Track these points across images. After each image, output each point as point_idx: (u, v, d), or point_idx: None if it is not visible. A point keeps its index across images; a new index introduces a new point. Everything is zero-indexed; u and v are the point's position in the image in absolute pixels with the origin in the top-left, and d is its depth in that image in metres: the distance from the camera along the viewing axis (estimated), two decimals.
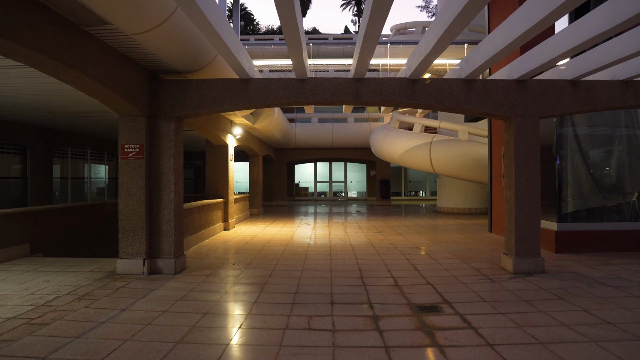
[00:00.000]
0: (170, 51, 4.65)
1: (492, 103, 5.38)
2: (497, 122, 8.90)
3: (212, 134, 8.82)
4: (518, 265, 5.30)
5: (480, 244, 7.72)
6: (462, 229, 9.88)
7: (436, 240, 8.22)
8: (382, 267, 5.76)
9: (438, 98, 5.36)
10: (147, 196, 5.28)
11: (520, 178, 5.34)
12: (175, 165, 5.44)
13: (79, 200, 13.27)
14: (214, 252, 7.00)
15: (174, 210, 5.37)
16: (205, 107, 5.39)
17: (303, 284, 4.90)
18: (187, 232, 7.24)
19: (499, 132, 8.81)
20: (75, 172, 13.28)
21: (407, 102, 5.35)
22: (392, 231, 9.64)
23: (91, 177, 14.37)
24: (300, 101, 5.33)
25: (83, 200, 13.51)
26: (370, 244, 7.73)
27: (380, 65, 11.83)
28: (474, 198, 14.17)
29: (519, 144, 5.35)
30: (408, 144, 12.87)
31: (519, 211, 5.33)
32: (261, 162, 14.90)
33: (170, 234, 5.35)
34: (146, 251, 5.27)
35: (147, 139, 5.31)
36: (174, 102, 5.40)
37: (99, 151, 14.60)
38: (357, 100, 5.33)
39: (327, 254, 6.79)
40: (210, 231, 8.57)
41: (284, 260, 6.24)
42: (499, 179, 8.83)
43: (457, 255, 6.61)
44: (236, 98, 5.37)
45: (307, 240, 8.25)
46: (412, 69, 5.10)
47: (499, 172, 8.87)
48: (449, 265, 5.85)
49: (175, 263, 5.34)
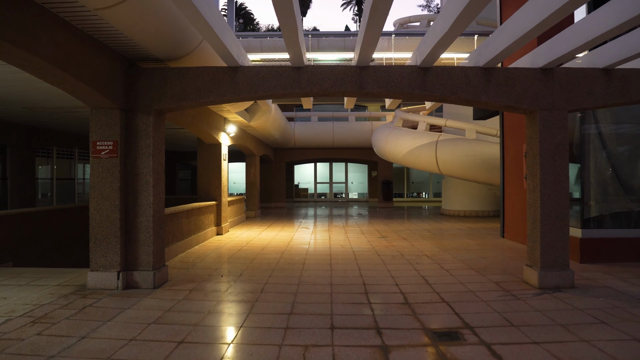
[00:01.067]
0: (145, 32, 4.02)
1: (514, 94, 4.73)
2: (510, 119, 8.26)
3: (203, 131, 8.18)
4: (544, 279, 4.65)
5: (494, 251, 7.07)
6: (471, 234, 9.23)
7: (445, 246, 7.57)
8: (389, 280, 5.11)
9: (453, 89, 4.72)
10: (122, 200, 4.64)
11: (546, 180, 4.70)
12: (155, 165, 4.80)
13: (67, 202, 12.63)
14: (202, 261, 6.35)
15: (153, 216, 4.73)
16: (188, 99, 4.75)
17: (299, 301, 4.25)
18: (174, 239, 6.59)
19: (512, 129, 8.16)
20: (63, 173, 12.64)
21: (417, 93, 4.70)
22: (396, 236, 8.99)
23: (81, 178, 13.73)
24: (296, 92, 4.69)
25: (72, 203, 12.87)
26: (374, 251, 7.08)
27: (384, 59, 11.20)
28: (481, 200, 13.51)
29: (544, 141, 4.70)
30: (412, 143, 12.23)
31: (545, 217, 4.68)
32: (258, 162, 14.26)
33: (148, 243, 4.71)
34: (121, 263, 4.62)
35: (122, 135, 4.67)
36: (153, 93, 4.76)
37: (88, 150, 13.96)
38: (360, 91, 4.69)
39: (327, 263, 6.14)
40: (200, 237, 7.92)
41: (279, 272, 5.59)
42: (512, 181, 8.19)
43: (470, 265, 5.96)
44: (223, 88, 4.73)
45: (306, 247, 7.60)
46: (424, 54, 4.46)
47: (512, 172, 8.23)
48: (464, 278, 5.20)
49: (154, 276, 4.70)
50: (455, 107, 13.68)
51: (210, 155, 9.14)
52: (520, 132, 7.81)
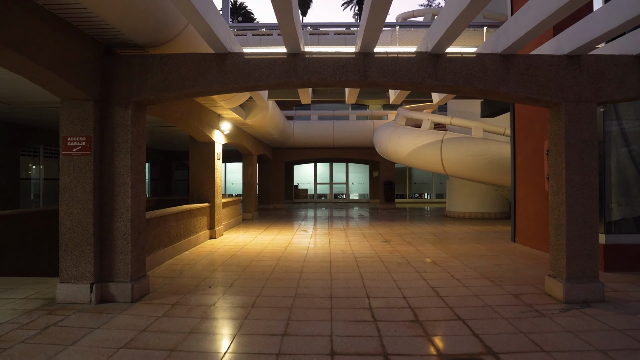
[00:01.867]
0: (121, 14, 3.51)
1: (536, 85, 4.21)
2: (523, 115, 7.74)
3: (194, 128, 7.67)
4: (571, 291, 4.13)
5: (507, 257, 6.55)
6: (479, 238, 8.70)
7: (454, 252, 7.04)
8: (396, 292, 4.59)
9: (468, 78, 4.20)
10: (96, 203, 4.12)
11: (572, 181, 4.18)
12: (134, 163, 4.28)
13: (55, 203, 12.11)
14: (190, 268, 5.83)
15: (131, 221, 4.21)
16: (171, 90, 4.23)
17: (295, 318, 3.73)
18: (161, 244, 6.07)
19: (525, 126, 7.65)
20: (51, 173, 12.13)
21: (428, 83, 4.19)
22: (400, 240, 8.47)
23: None
24: (292, 82, 4.17)
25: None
26: (377, 258, 6.56)
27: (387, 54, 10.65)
28: (487, 202, 12.99)
29: (571, 138, 4.18)
30: (416, 142, 11.71)
31: (572, 223, 4.16)
32: (256, 162, 13.75)
33: (126, 251, 4.19)
34: (94, 273, 4.11)
35: (96, 130, 4.15)
36: (132, 83, 4.25)
37: None
38: (364, 81, 4.18)
39: (326, 271, 5.62)
40: (191, 241, 7.41)
41: (274, 281, 5.07)
42: (524, 181, 7.67)
43: (484, 273, 5.44)
44: (210, 78, 4.22)
45: (304, 252, 7.08)
46: (436, 38, 3.95)
47: (524, 172, 7.71)
48: (479, 289, 4.68)
49: (133, 288, 4.18)
50: (460, 105, 13.16)
51: (203, 154, 8.63)
52: (533, 129, 7.29)
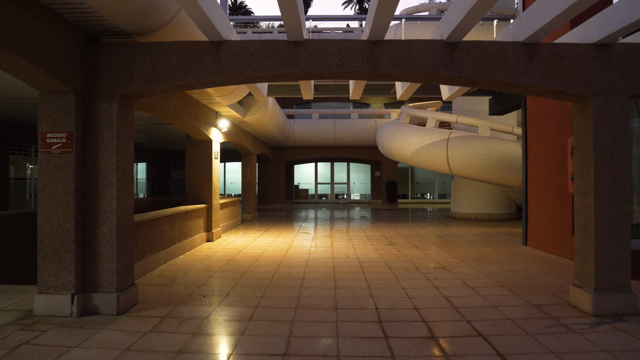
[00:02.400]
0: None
1: (562, 76, 3.84)
2: (535, 112, 7.36)
3: (190, 126, 7.29)
4: (600, 303, 3.75)
5: (521, 263, 6.17)
6: (489, 241, 8.33)
7: (464, 256, 6.67)
8: (406, 302, 4.21)
9: (487, 69, 3.82)
10: (77, 206, 3.75)
11: (601, 181, 3.80)
12: (120, 162, 3.90)
13: None
14: (184, 274, 5.45)
15: (117, 225, 3.84)
16: (161, 81, 3.86)
17: (297, 334, 3.36)
18: (153, 249, 5.70)
19: (538, 123, 7.27)
20: None
21: (443, 74, 3.81)
22: (406, 243, 8.10)
23: None
24: (294, 72, 3.80)
25: None
26: (383, 263, 6.19)
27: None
28: (493, 202, 12.61)
29: (600, 134, 3.81)
30: (421, 141, 11.33)
31: (601, 227, 3.78)
32: (255, 161, 13.37)
33: (111, 259, 3.81)
34: (76, 283, 3.73)
35: (78, 126, 3.77)
36: (118, 74, 3.87)
37: None
38: (373, 72, 3.80)
39: (330, 278, 5.25)
40: (187, 244, 7.03)
41: (274, 290, 4.70)
42: (537, 181, 7.30)
43: (499, 281, 5.06)
44: (204, 68, 3.84)
45: (305, 256, 6.70)
46: (453, 24, 3.57)
47: (537, 172, 7.34)
48: (496, 299, 4.30)
49: (119, 299, 3.80)
50: (466, 103, 12.78)
51: (200, 153, 8.25)
52: (548, 127, 6.92)
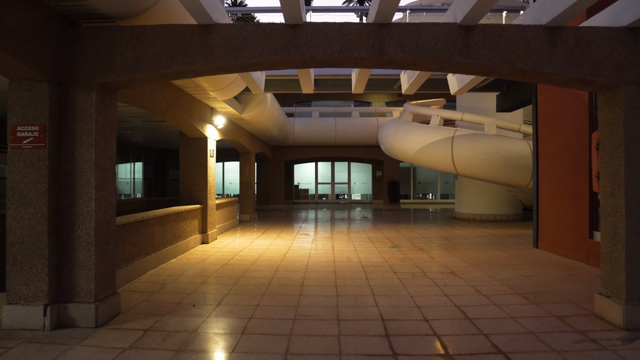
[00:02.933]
0: None
1: (589, 64, 3.46)
2: (548, 108, 6.99)
3: (183, 122, 6.92)
4: (632, 315, 3.38)
5: (535, 267, 5.79)
6: (497, 243, 7.95)
7: (472, 260, 6.29)
8: (415, 313, 3.84)
9: (506, 55, 3.45)
10: (52, 206, 3.38)
11: (633, 179, 3.43)
12: (100, 158, 3.53)
13: None
14: (175, 280, 5.08)
15: (96, 228, 3.47)
16: (144, 69, 3.49)
17: (295, 351, 2.99)
18: (141, 252, 5.32)
19: (551, 120, 6.89)
20: None
21: (457, 60, 3.44)
22: (411, 245, 7.72)
23: None
24: (292, 59, 3.42)
25: None
26: (387, 267, 5.81)
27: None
28: (499, 203, 12.24)
29: (632, 127, 3.43)
30: (425, 139, 10.96)
31: (633, 231, 3.41)
32: (254, 160, 13.01)
33: (89, 265, 3.44)
34: (50, 292, 3.36)
35: (53, 118, 3.41)
36: (97, 61, 3.50)
37: None
38: (380, 58, 3.43)
39: (331, 284, 4.87)
40: (180, 247, 6.66)
41: (270, 298, 4.32)
42: (550, 181, 6.92)
43: (514, 288, 4.69)
44: (192, 54, 3.47)
45: (305, 260, 6.33)
46: (470, 5, 3.20)
47: (549, 171, 6.96)
48: (513, 309, 3.93)
49: (97, 310, 3.43)
50: (471, 100, 12.41)
51: (195, 152, 7.88)
52: (561, 123, 6.54)
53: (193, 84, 6.26)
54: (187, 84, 6.32)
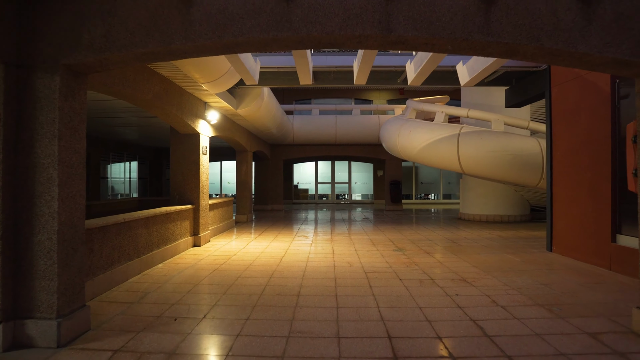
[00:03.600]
0: None
1: (630, 42, 2.99)
2: (563, 102, 6.52)
3: (173, 116, 6.46)
4: None
5: (553, 273, 5.32)
6: (507, 246, 7.48)
7: (483, 265, 5.82)
8: (426, 329, 3.37)
9: (533, 33, 2.98)
10: (7, 207, 2.91)
11: None
12: (64, 152, 3.07)
13: None
14: (159, 288, 4.61)
15: (60, 232, 3.00)
16: (116, 49, 3.02)
17: None
18: (122, 257, 4.86)
19: (567, 115, 6.43)
20: None
21: (476, 39, 2.97)
22: (415, 248, 7.25)
23: None
24: (285, 36, 2.96)
25: None
26: (392, 273, 5.35)
27: None
28: (506, 203, 11.77)
29: None
30: (430, 136, 10.49)
31: None
32: (251, 159, 12.55)
33: (50, 275, 2.98)
34: (4, 307, 2.89)
35: (8, 105, 2.94)
36: (61, 39, 3.04)
37: None
38: (387, 36, 2.96)
39: (331, 294, 4.40)
40: (168, 251, 6.19)
41: (262, 310, 3.86)
42: (565, 180, 6.46)
43: (534, 298, 4.22)
44: (170, 31, 3.01)
45: (303, 265, 5.86)
46: None
47: (564, 170, 6.49)
48: (537, 324, 3.46)
49: (60, 327, 2.97)
50: (476, 96, 11.94)
51: (186, 148, 7.42)
52: (579, 119, 6.08)
53: (182, 74, 5.80)
54: (176, 75, 5.86)
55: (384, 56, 7.07)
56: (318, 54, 7.26)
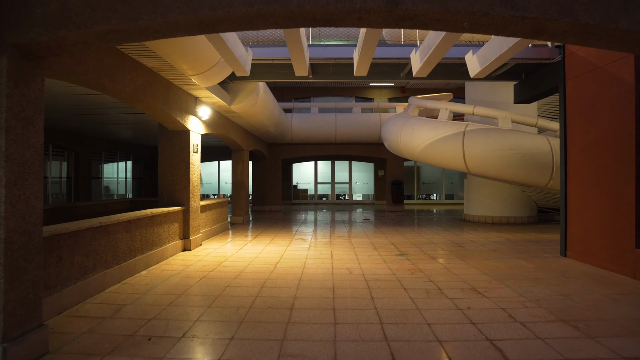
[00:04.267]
0: None
1: None
2: (578, 97, 6.06)
3: (160, 112, 6.01)
4: None
5: (572, 282, 4.86)
6: (517, 250, 7.02)
7: (494, 272, 5.37)
8: (437, 351, 2.92)
9: (565, 5, 2.53)
10: None
11: None
12: (13, 147, 2.62)
13: None
14: (137, 300, 4.16)
15: (7, 241, 2.55)
16: (73, 25, 2.57)
17: None
18: (98, 265, 4.40)
19: (583, 110, 5.97)
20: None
21: (498, 13, 2.51)
22: (419, 253, 6.80)
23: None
24: (272, 10, 2.50)
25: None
26: (396, 282, 4.89)
27: None
28: (512, 204, 11.30)
29: None
30: (433, 134, 10.02)
31: None
32: (247, 158, 12.09)
33: None
34: None
35: None
36: (9, 13, 2.59)
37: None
38: (393, 10, 2.50)
39: (328, 307, 3.95)
40: (153, 256, 5.74)
41: (250, 326, 3.40)
42: (581, 180, 6.00)
43: (556, 312, 3.76)
44: (138, 5, 2.54)
45: (298, 272, 5.41)
46: None
47: (580, 169, 6.04)
48: (564, 346, 3.00)
49: (6, 354, 2.52)
50: (481, 93, 11.47)
51: (175, 146, 6.97)
52: (595, 114, 5.62)
53: (168, 65, 5.35)
54: (162, 66, 5.41)
55: (386, 47, 6.62)
56: (316, 45, 6.81)
